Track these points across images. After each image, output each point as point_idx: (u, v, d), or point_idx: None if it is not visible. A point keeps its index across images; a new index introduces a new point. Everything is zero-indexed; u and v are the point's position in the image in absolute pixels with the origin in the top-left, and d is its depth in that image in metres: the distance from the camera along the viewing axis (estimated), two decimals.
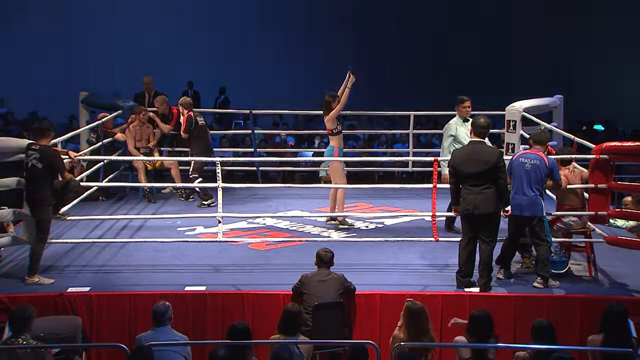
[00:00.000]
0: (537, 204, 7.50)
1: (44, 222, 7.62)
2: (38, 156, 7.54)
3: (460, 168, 7.49)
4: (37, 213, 7.60)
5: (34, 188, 7.57)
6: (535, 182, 7.50)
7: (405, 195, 11.25)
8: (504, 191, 7.40)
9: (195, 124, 10.79)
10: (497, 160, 7.37)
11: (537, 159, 7.56)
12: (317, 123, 16.45)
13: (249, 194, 11.58)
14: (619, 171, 12.84)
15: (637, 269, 8.11)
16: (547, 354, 5.85)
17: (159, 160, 11.34)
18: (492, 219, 7.43)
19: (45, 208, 7.60)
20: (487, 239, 7.44)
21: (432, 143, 15.35)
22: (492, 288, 7.48)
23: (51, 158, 7.59)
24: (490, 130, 7.72)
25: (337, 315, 7.05)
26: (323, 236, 9.24)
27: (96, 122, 11.07)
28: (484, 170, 7.35)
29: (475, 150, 7.49)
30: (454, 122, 9.35)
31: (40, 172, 7.54)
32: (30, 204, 7.61)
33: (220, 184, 8.29)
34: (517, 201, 7.52)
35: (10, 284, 7.64)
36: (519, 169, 7.57)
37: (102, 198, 11.19)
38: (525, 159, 7.60)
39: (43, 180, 7.56)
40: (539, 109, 10.90)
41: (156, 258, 8.46)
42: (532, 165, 7.54)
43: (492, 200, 7.36)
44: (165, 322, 6.44)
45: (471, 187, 7.41)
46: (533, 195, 7.50)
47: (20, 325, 6.01)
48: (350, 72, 9.41)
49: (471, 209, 7.39)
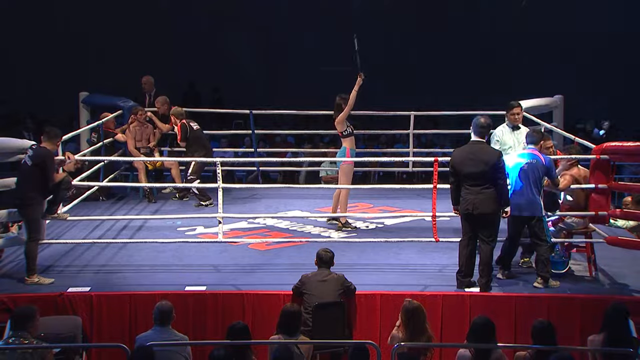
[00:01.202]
0: (535, 204, 7.50)
1: (33, 221, 7.61)
2: (31, 154, 7.57)
3: (459, 168, 7.48)
4: (26, 212, 7.58)
5: (22, 186, 7.57)
6: (533, 181, 7.51)
7: (406, 196, 11.26)
8: (503, 192, 7.41)
9: (190, 130, 10.81)
10: (496, 161, 7.36)
11: (534, 158, 7.56)
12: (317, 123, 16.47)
13: (249, 194, 11.59)
14: (619, 171, 12.85)
15: (637, 269, 8.11)
16: (548, 354, 5.84)
17: (159, 161, 11.35)
18: (492, 219, 7.43)
19: (34, 207, 7.58)
20: (487, 239, 7.44)
21: (433, 143, 15.37)
22: (492, 288, 7.49)
23: (42, 158, 7.56)
24: (490, 129, 7.71)
25: (338, 315, 7.05)
26: (323, 236, 9.25)
27: (97, 122, 11.08)
28: (483, 170, 7.34)
29: (475, 150, 7.47)
30: (501, 128, 8.82)
31: (29, 170, 7.54)
32: (19, 203, 7.59)
33: (221, 185, 8.29)
34: (516, 201, 7.52)
35: (10, 283, 7.65)
36: (517, 169, 7.57)
37: (103, 198, 11.20)
38: (522, 159, 7.60)
39: (31, 178, 7.55)
40: (539, 109, 10.92)
41: (156, 258, 8.46)
42: (529, 165, 7.54)
43: (492, 200, 7.36)
44: (166, 322, 6.44)
45: (471, 187, 7.41)
46: (531, 195, 7.50)
47: (20, 325, 6.02)
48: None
49: (471, 208, 7.39)
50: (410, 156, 12.44)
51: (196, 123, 11.07)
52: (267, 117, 17.22)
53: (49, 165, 7.61)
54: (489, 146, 7.66)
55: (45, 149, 7.65)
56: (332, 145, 14.11)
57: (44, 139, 7.72)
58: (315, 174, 13.61)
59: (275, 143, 14.98)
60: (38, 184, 7.58)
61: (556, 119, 11.44)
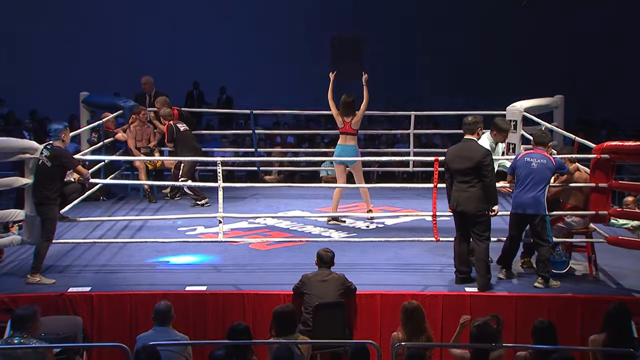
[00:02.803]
0: (540, 203, 7.49)
1: (50, 221, 7.66)
2: (48, 154, 7.61)
3: (449, 165, 7.59)
4: (43, 212, 7.62)
5: (41, 186, 7.61)
6: (540, 181, 7.49)
7: (406, 195, 11.26)
8: (490, 190, 7.41)
9: (176, 131, 10.83)
10: (480, 158, 7.38)
11: (544, 158, 7.57)
12: (317, 122, 16.51)
13: (249, 194, 11.59)
14: (619, 171, 12.83)
15: (638, 269, 8.10)
16: (548, 354, 5.83)
17: (159, 160, 11.36)
18: (478, 217, 7.44)
19: (51, 207, 7.64)
20: (478, 237, 7.46)
21: (433, 143, 15.36)
22: (492, 287, 7.47)
23: (60, 157, 7.63)
24: (479, 124, 7.67)
25: (338, 315, 7.05)
26: (324, 236, 9.24)
27: (97, 122, 11.08)
28: (469, 167, 7.39)
29: (464, 147, 7.55)
30: (486, 138, 8.47)
31: (49, 170, 7.60)
32: (37, 203, 7.64)
33: (221, 184, 8.29)
34: (521, 199, 7.52)
35: (11, 283, 7.65)
36: (525, 167, 7.56)
37: (103, 198, 11.20)
38: (532, 158, 7.59)
39: (50, 179, 7.60)
40: (540, 109, 10.91)
41: (157, 258, 8.45)
42: (539, 164, 7.52)
43: (476, 198, 7.38)
44: (166, 322, 6.44)
45: (459, 184, 7.48)
46: (537, 193, 7.49)
47: (21, 325, 6.01)
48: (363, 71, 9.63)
49: (455, 205, 7.48)
50: (410, 156, 12.46)
51: (184, 124, 11.07)
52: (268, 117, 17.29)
53: (68, 162, 7.69)
54: (477, 144, 7.63)
55: (60, 148, 7.69)
56: (333, 146, 14.10)
57: (55, 139, 7.75)
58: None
59: (275, 143, 14.97)
60: (57, 184, 7.65)
61: (556, 119, 11.43)
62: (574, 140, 9.38)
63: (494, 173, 7.54)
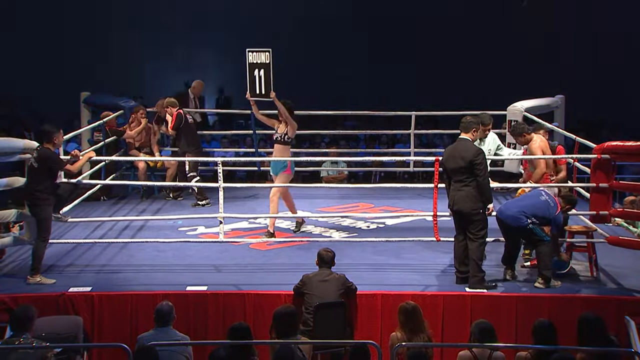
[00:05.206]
0: (519, 217, 7.51)
1: (44, 221, 7.66)
2: (36, 156, 7.63)
3: (445, 165, 7.67)
4: (37, 212, 7.63)
5: (32, 187, 7.62)
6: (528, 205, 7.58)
7: (407, 195, 11.26)
8: (484, 188, 7.44)
9: (185, 121, 10.83)
10: (471, 157, 7.42)
11: (544, 194, 7.67)
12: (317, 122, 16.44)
13: (249, 194, 11.59)
14: (619, 171, 12.83)
15: (638, 269, 8.10)
16: (548, 354, 5.83)
17: (159, 160, 11.36)
18: (472, 216, 7.47)
19: (43, 207, 7.63)
20: (472, 236, 7.49)
21: (434, 143, 15.35)
22: (494, 287, 7.46)
23: (46, 159, 7.64)
24: (474, 124, 7.69)
25: (339, 315, 7.04)
26: (324, 236, 9.25)
27: (98, 122, 11.09)
28: (462, 166, 7.45)
29: (458, 147, 7.63)
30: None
31: (37, 171, 7.61)
32: (30, 204, 7.65)
33: (222, 184, 8.29)
34: (503, 215, 7.60)
35: (12, 283, 7.65)
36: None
37: (104, 198, 11.21)
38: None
39: (39, 180, 7.61)
40: (540, 109, 10.91)
41: (157, 258, 8.47)
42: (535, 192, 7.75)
43: (470, 197, 7.43)
44: (167, 322, 6.44)
45: (455, 183, 7.55)
46: (516, 211, 7.54)
47: (21, 325, 6.02)
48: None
49: (451, 204, 7.54)
50: (411, 156, 12.47)
51: (192, 117, 11.12)
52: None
53: (51, 166, 7.67)
54: (470, 143, 7.63)
55: (47, 150, 7.69)
56: (333, 145, 14.12)
57: (45, 141, 7.75)
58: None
59: None
60: (47, 185, 7.65)
61: (557, 119, 11.44)
62: (575, 140, 9.38)
63: (487, 172, 7.56)
